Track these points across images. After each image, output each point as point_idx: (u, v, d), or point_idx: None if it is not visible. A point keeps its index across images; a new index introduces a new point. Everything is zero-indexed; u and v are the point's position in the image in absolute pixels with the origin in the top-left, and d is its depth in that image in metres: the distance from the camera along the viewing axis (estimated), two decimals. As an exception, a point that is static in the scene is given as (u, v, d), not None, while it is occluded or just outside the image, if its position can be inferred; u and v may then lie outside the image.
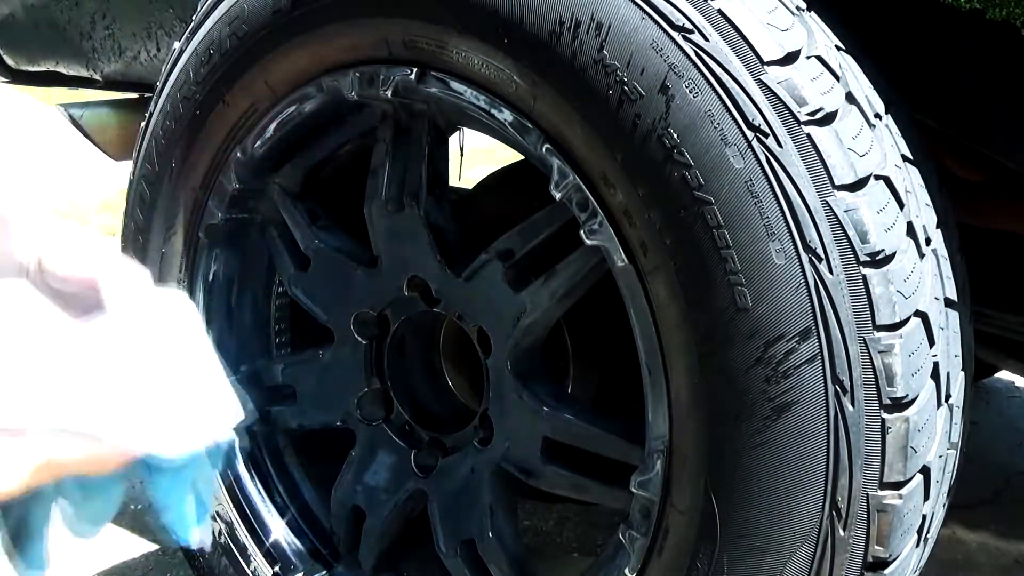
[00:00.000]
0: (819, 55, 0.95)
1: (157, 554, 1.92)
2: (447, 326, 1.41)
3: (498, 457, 1.21)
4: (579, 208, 1.02)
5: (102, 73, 1.93)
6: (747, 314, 0.91)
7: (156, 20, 1.76)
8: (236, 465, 1.40)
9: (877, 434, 0.90)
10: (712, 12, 0.93)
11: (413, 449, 1.34)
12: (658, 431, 1.01)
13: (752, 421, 0.92)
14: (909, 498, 0.93)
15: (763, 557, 0.95)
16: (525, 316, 1.13)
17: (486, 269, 1.16)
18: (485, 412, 1.22)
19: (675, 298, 0.96)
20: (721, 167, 0.91)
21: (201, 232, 1.36)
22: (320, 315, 1.35)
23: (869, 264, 0.90)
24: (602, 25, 0.95)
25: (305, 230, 1.33)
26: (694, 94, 0.92)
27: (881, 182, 0.93)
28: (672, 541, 1.01)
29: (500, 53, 1.03)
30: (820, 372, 0.90)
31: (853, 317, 0.89)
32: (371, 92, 1.17)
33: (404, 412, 1.36)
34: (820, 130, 0.91)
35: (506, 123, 1.07)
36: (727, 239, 0.91)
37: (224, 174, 1.32)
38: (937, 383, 0.96)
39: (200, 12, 1.29)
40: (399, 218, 1.22)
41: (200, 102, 1.29)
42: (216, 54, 1.26)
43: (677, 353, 0.97)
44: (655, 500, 1.02)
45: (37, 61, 2.06)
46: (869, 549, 0.93)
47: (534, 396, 1.16)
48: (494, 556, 1.22)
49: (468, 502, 1.24)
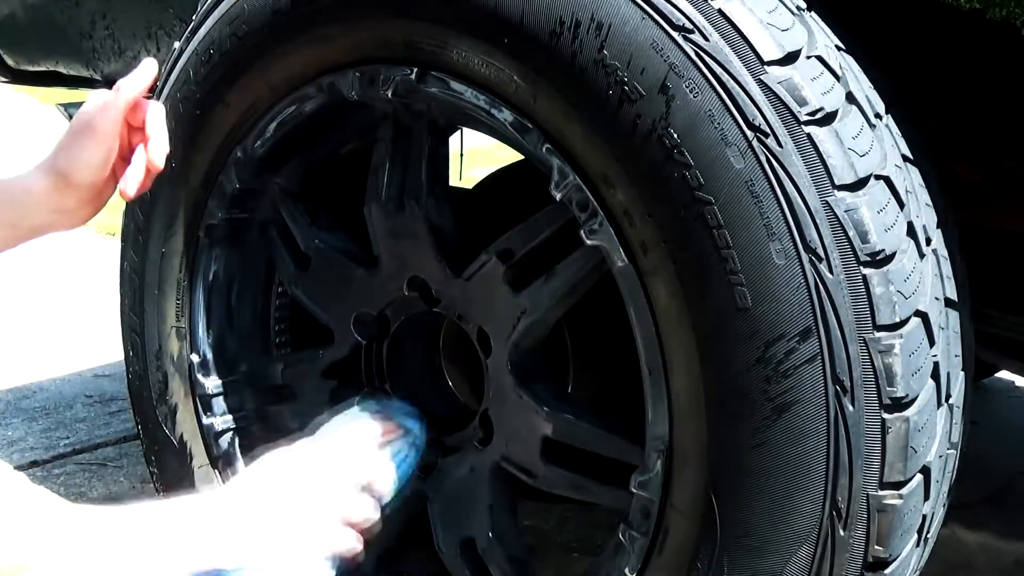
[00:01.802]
0: (819, 55, 0.95)
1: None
2: (447, 326, 1.41)
3: (498, 457, 1.21)
4: (579, 208, 1.02)
5: (102, 73, 1.93)
6: (747, 314, 0.91)
7: (156, 20, 1.76)
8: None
9: (877, 434, 0.90)
10: (712, 12, 0.93)
11: (413, 449, 1.34)
12: (658, 431, 1.01)
13: (752, 421, 0.93)
14: (909, 498, 0.93)
15: (763, 557, 0.95)
16: (525, 316, 1.13)
17: (486, 269, 1.16)
18: (485, 412, 1.22)
19: (675, 298, 0.96)
20: (721, 167, 0.91)
21: (201, 232, 1.36)
22: (320, 315, 1.35)
23: (869, 264, 0.90)
24: (602, 25, 0.95)
25: (305, 230, 1.33)
26: (694, 94, 0.92)
27: (881, 182, 0.93)
28: (672, 541, 1.01)
29: (500, 53, 1.03)
30: (820, 372, 0.90)
31: (853, 317, 0.89)
32: (371, 92, 1.17)
33: (404, 412, 1.36)
34: (820, 130, 0.91)
35: (506, 123, 1.07)
36: (727, 239, 0.91)
37: (224, 174, 1.32)
38: (937, 383, 0.96)
39: (200, 12, 1.29)
40: (399, 218, 1.22)
41: (200, 102, 1.29)
42: (216, 54, 1.26)
43: (677, 353, 0.97)
44: (655, 500, 1.02)
45: (37, 61, 2.06)
46: (869, 549, 0.93)
47: (534, 396, 1.16)
48: (494, 556, 1.22)
49: (468, 502, 1.24)
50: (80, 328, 3.25)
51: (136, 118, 1.12)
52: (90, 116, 1.09)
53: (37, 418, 2.60)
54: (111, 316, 1.57)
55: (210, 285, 1.40)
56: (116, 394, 2.76)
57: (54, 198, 1.10)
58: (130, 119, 1.12)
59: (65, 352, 3.06)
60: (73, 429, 2.53)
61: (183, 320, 1.40)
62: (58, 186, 1.09)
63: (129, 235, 1.42)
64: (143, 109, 1.12)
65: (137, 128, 1.13)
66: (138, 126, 1.12)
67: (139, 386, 1.45)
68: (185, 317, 1.39)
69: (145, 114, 1.12)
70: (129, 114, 1.12)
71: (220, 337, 1.41)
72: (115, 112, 1.09)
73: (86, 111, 1.10)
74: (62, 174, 1.09)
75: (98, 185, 1.12)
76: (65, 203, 1.11)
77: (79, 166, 1.09)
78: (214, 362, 1.40)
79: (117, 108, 1.10)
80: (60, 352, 3.05)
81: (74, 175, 1.09)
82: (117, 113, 1.10)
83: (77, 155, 1.09)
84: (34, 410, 2.66)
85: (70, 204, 1.11)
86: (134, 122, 1.12)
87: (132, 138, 1.13)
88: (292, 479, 1.03)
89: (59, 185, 1.09)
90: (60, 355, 3.03)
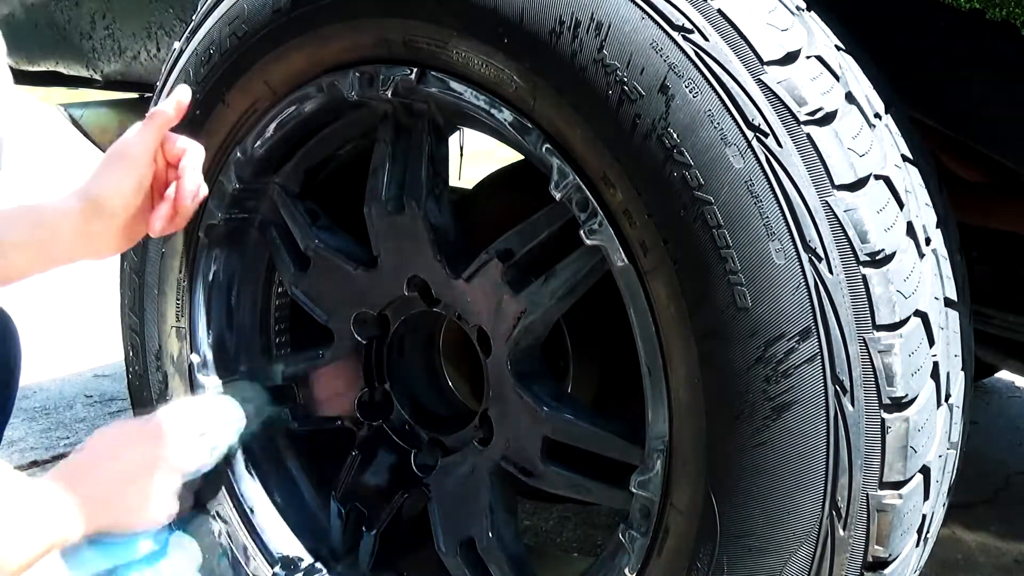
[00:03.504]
0: (819, 55, 0.95)
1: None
2: (447, 326, 1.41)
3: (498, 457, 1.21)
4: (579, 208, 1.02)
5: (102, 73, 1.93)
6: (747, 314, 0.91)
7: (156, 20, 1.76)
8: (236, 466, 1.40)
9: (877, 434, 0.90)
10: (712, 12, 0.93)
11: (413, 449, 1.34)
12: (658, 431, 1.01)
13: (752, 421, 0.92)
14: (909, 498, 0.93)
15: (763, 557, 0.95)
16: (525, 316, 1.13)
17: (486, 269, 1.16)
18: (485, 412, 1.22)
19: (675, 298, 0.96)
20: (721, 167, 0.91)
21: (201, 232, 1.36)
22: (320, 315, 1.35)
23: (869, 264, 0.90)
24: (602, 25, 0.95)
25: (305, 230, 1.33)
26: (694, 94, 0.92)
27: (881, 182, 0.93)
28: (672, 541, 1.01)
29: (500, 53, 1.03)
30: (820, 372, 0.90)
31: (853, 317, 0.89)
32: (371, 92, 1.17)
33: (404, 412, 1.36)
34: (820, 130, 0.91)
35: (506, 123, 1.07)
36: (727, 239, 0.91)
37: (224, 174, 1.32)
38: (937, 383, 0.96)
39: (200, 12, 1.29)
40: (399, 218, 1.22)
41: (200, 102, 1.29)
42: (216, 54, 1.26)
43: (677, 353, 0.97)
44: (655, 500, 1.02)
45: (37, 61, 2.06)
46: (869, 549, 0.93)
47: (534, 396, 1.16)
48: (494, 556, 1.22)
49: (468, 502, 1.24)
50: (80, 328, 3.25)
51: (173, 155, 1.12)
52: (124, 143, 1.10)
53: (37, 418, 2.60)
54: (111, 316, 1.57)
55: (210, 285, 1.40)
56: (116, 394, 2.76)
57: (84, 224, 1.10)
58: (168, 155, 1.12)
59: (65, 352, 3.06)
60: (73, 429, 2.53)
61: (183, 320, 1.40)
62: (87, 212, 1.09)
63: (129, 235, 1.42)
64: (181, 145, 1.12)
65: (174, 165, 1.12)
66: (174, 164, 1.12)
67: (139, 386, 1.45)
68: (185, 317, 1.40)
69: (182, 151, 1.12)
70: (167, 149, 1.12)
71: (220, 337, 1.41)
72: (147, 138, 1.10)
73: (121, 138, 1.11)
74: (93, 200, 1.09)
75: (129, 215, 1.11)
76: (94, 229, 1.10)
77: (109, 192, 1.09)
78: (214, 362, 1.40)
79: (149, 134, 1.10)
80: (60, 352, 3.05)
81: (104, 201, 1.09)
82: (149, 139, 1.10)
83: (108, 181, 1.09)
84: (34, 410, 2.67)
85: (99, 231, 1.11)
86: (171, 159, 1.12)
87: (169, 175, 1.13)
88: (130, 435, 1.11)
89: (89, 211, 1.09)
90: (60, 355, 3.03)
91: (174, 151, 1.12)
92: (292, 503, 1.44)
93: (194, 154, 1.12)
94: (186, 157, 1.11)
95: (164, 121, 1.11)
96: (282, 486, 1.44)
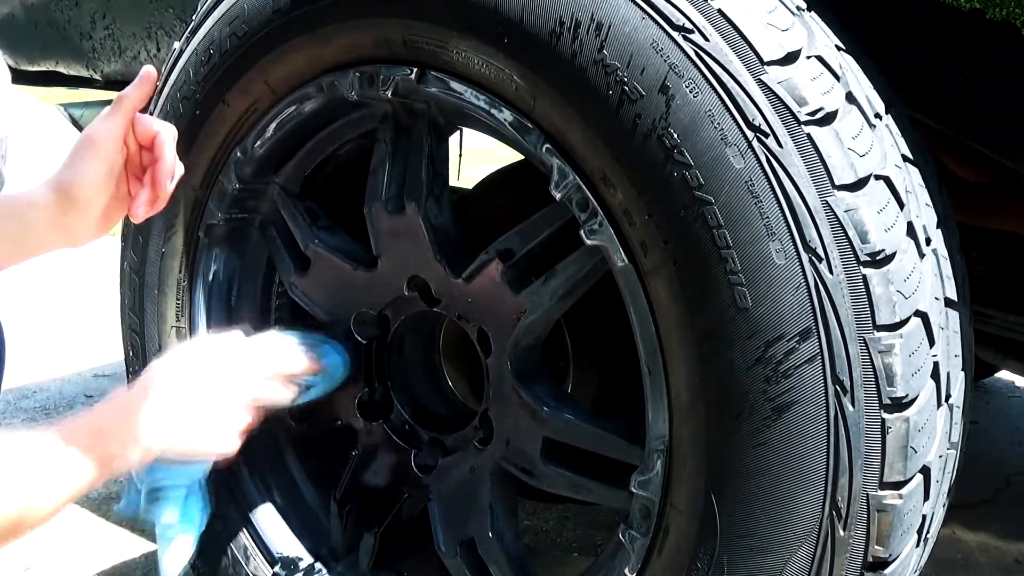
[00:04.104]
0: (819, 55, 0.95)
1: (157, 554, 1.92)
2: (447, 326, 1.41)
3: (498, 457, 1.21)
4: (579, 208, 1.02)
5: (102, 73, 1.94)
6: (747, 314, 0.91)
7: (156, 20, 1.76)
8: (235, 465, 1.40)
9: (877, 434, 0.90)
10: (712, 12, 0.93)
11: (413, 449, 1.34)
12: (658, 431, 1.01)
13: (752, 421, 0.93)
14: (909, 498, 0.93)
15: (763, 557, 0.95)
16: (525, 316, 1.13)
17: (486, 269, 1.16)
18: (485, 412, 1.22)
19: (675, 298, 0.96)
20: (721, 167, 0.91)
21: (201, 232, 1.36)
22: (320, 315, 1.35)
23: (869, 264, 0.90)
24: (602, 25, 0.95)
25: (305, 230, 1.33)
26: (694, 94, 0.92)
27: (881, 182, 0.93)
28: (672, 541, 1.01)
29: (500, 53, 1.03)
30: (820, 372, 0.90)
31: (853, 317, 0.89)
32: (371, 92, 1.17)
33: (404, 412, 1.36)
34: (820, 130, 0.91)
35: (506, 123, 1.07)
36: (727, 239, 0.91)
37: (224, 174, 1.32)
38: (937, 383, 0.96)
39: (200, 12, 1.29)
40: (399, 218, 1.22)
41: (200, 102, 1.29)
42: (216, 54, 1.26)
43: (677, 353, 0.97)
44: (655, 500, 1.02)
45: (37, 61, 2.07)
46: (869, 549, 0.93)
47: (534, 396, 1.16)
48: (494, 556, 1.22)
49: (468, 502, 1.24)
50: (80, 328, 3.25)
51: (146, 138, 1.10)
52: (92, 130, 1.09)
53: (37, 418, 2.60)
54: (111, 316, 1.57)
55: (210, 285, 1.40)
56: (116, 394, 2.75)
57: (57, 214, 1.09)
58: (140, 138, 1.10)
59: (65, 352, 3.06)
60: (73, 429, 2.52)
61: (183, 320, 1.40)
62: (60, 201, 1.08)
63: (129, 235, 1.42)
64: (154, 128, 1.10)
65: (148, 147, 1.11)
66: (148, 146, 1.10)
67: (139, 386, 1.45)
68: (185, 317, 1.40)
69: (155, 134, 1.09)
70: (138, 131, 1.10)
71: (220, 337, 1.41)
72: (115, 126, 1.08)
73: (89, 125, 1.09)
74: (64, 190, 1.08)
75: (104, 202, 1.10)
76: (67, 220, 1.09)
77: (80, 182, 1.08)
78: (214, 362, 1.40)
79: (116, 122, 1.08)
80: (60, 352, 3.05)
81: (76, 191, 1.08)
82: (117, 125, 1.08)
83: (79, 170, 1.08)
84: (34, 410, 2.66)
85: (72, 221, 1.10)
86: (144, 142, 1.10)
87: (144, 158, 1.11)
88: (204, 363, 1.09)
89: (61, 201, 1.08)
90: (60, 355, 3.03)
91: (146, 133, 1.10)
92: (292, 503, 1.44)
93: (166, 134, 1.10)
94: (159, 138, 1.09)
95: (131, 105, 1.09)
96: (282, 486, 1.44)
